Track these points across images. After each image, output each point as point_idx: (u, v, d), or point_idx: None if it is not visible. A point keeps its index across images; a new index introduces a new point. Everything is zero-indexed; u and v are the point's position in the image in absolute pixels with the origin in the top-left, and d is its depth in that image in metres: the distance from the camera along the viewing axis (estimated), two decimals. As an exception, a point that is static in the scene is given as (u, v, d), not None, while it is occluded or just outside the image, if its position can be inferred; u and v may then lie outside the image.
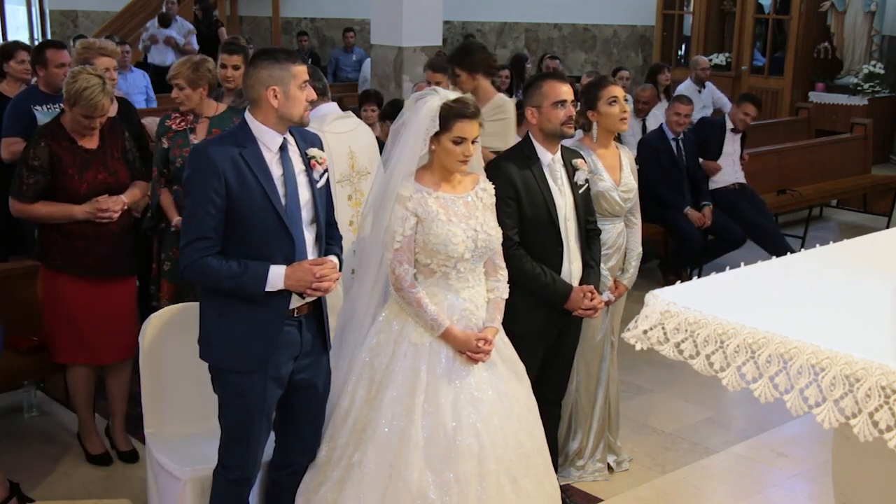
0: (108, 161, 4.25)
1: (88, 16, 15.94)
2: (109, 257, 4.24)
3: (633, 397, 5.34)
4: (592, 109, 4.15)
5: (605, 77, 4.53)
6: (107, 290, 4.27)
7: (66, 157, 4.15)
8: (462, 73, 4.97)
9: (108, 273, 4.25)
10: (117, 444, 4.53)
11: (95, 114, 4.11)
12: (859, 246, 2.93)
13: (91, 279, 4.22)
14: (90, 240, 4.18)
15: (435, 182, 3.38)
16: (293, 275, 3.12)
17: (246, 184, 3.08)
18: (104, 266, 4.23)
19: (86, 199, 4.14)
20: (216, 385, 3.28)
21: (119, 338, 4.32)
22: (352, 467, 3.31)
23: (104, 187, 4.19)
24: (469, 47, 5.21)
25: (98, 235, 4.19)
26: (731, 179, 7.52)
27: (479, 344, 3.32)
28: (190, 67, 4.52)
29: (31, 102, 5.33)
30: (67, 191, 4.14)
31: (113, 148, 4.29)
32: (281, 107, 3.12)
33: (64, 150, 4.15)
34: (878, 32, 11.95)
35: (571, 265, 3.86)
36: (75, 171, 4.15)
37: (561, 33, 14.77)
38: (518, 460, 3.36)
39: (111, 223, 4.19)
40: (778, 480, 4.52)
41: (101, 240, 4.20)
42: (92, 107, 4.06)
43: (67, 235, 4.18)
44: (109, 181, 4.22)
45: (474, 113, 3.31)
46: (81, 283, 4.21)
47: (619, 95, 4.13)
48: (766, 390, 2.12)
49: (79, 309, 4.23)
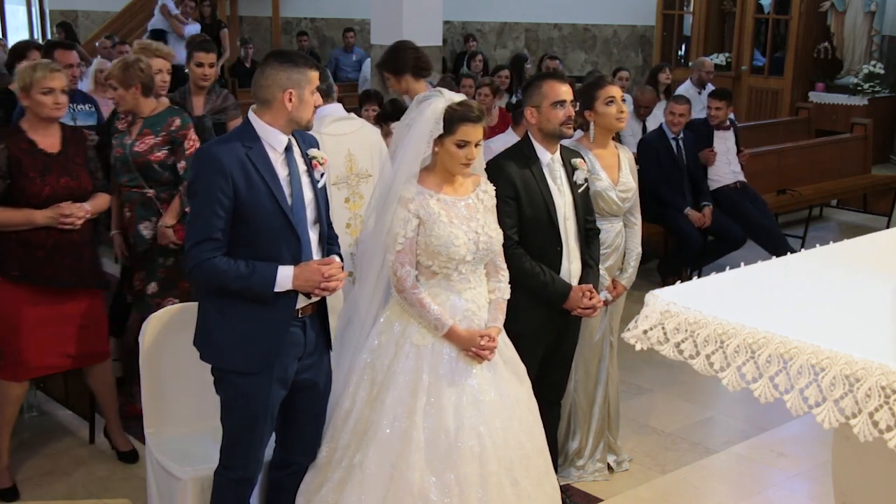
0: (71, 166, 4.08)
1: (88, 16, 15.94)
2: (70, 268, 4.07)
3: (633, 397, 5.34)
4: (589, 109, 4.16)
5: (602, 77, 4.54)
6: (68, 302, 4.11)
7: (26, 160, 3.97)
8: (389, 77, 4.87)
9: (68, 284, 4.08)
10: (116, 445, 4.51)
11: (54, 84, 3.94)
12: (859, 246, 2.93)
13: (51, 290, 4.05)
14: (50, 250, 4.01)
15: (437, 184, 3.38)
16: (301, 275, 3.12)
17: (253, 184, 3.07)
18: (64, 277, 4.06)
19: (48, 205, 3.98)
20: (219, 387, 3.27)
21: (86, 346, 4.21)
22: (353, 468, 3.30)
23: (67, 192, 4.02)
24: (396, 47, 5.02)
25: (58, 245, 4.02)
26: (731, 178, 7.52)
27: (484, 341, 3.32)
28: (121, 67, 4.49)
29: None
30: (27, 194, 3.95)
31: (76, 154, 4.12)
32: (294, 110, 3.12)
33: (23, 152, 3.97)
34: (878, 32, 11.95)
35: (570, 265, 3.86)
36: (36, 174, 3.97)
37: (561, 33, 14.77)
38: (519, 462, 3.36)
39: (73, 232, 4.04)
40: (778, 480, 4.52)
41: (62, 250, 4.03)
42: (49, 78, 3.92)
43: (25, 245, 3.98)
44: (72, 185, 4.05)
45: (478, 117, 3.31)
46: (41, 295, 4.04)
47: (616, 95, 4.14)
48: (766, 390, 2.11)
49: (36, 321, 4.05)
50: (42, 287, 4.05)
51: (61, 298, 4.10)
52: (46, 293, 4.07)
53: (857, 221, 9.36)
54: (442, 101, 3.33)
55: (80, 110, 5.55)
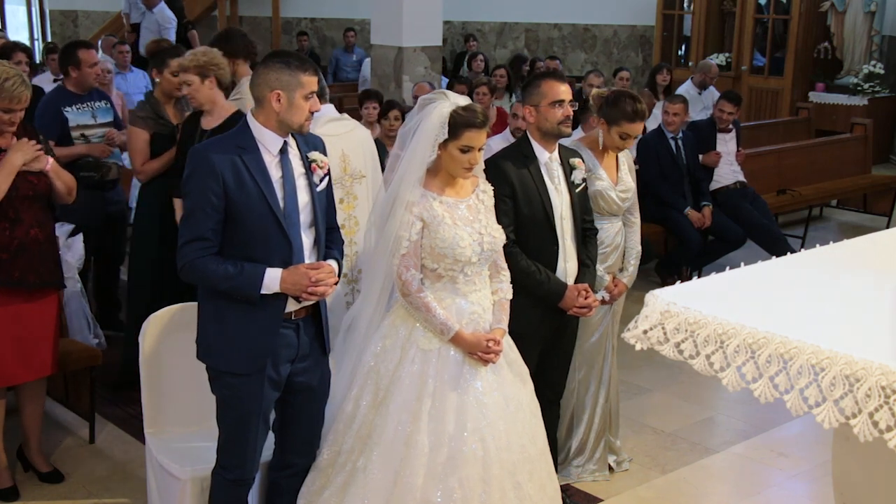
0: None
1: (88, 16, 15.96)
2: (36, 269, 3.98)
3: (633, 397, 5.34)
4: (613, 125, 4.11)
5: (622, 93, 4.24)
6: (30, 305, 4.01)
7: None
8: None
9: (35, 285, 3.99)
10: (36, 466, 4.30)
11: (17, 106, 3.88)
12: (859, 246, 2.92)
13: (15, 292, 3.95)
14: (15, 251, 3.91)
15: (439, 186, 3.37)
16: (289, 278, 3.11)
17: (244, 186, 3.07)
18: (31, 278, 3.97)
19: (4, 202, 3.84)
20: (214, 386, 3.28)
21: (36, 356, 4.08)
22: (356, 472, 3.30)
23: (26, 185, 3.91)
24: (228, 33, 5.35)
25: (24, 246, 3.92)
26: (731, 179, 7.53)
27: (490, 344, 3.32)
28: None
29: (60, 104, 5.40)
30: None
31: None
32: (282, 112, 3.11)
33: None
34: (878, 32, 11.95)
35: (567, 264, 3.86)
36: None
37: (561, 33, 14.77)
38: (521, 465, 3.35)
39: (38, 232, 3.95)
40: (778, 480, 4.52)
41: (27, 250, 3.93)
42: (15, 98, 3.84)
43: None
44: (31, 179, 3.93)
45: (483, 122, 3.30)
46: (4, 297, 3.94)
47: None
48: (766, 390, 2.11)
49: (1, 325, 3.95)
50: (6, 289, 3.94)
51: (24, 303, 4.00)
52: (10, 296, 3.96)
53: (857, 221, 9.36)
54: (447, 104, 3.31)
55: (99, 108, 5.58)
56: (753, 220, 7.36)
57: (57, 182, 4.03)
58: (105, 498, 4.19)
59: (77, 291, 5.24)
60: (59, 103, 5.38)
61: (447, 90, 3.54)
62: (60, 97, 5.43)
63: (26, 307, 4.01)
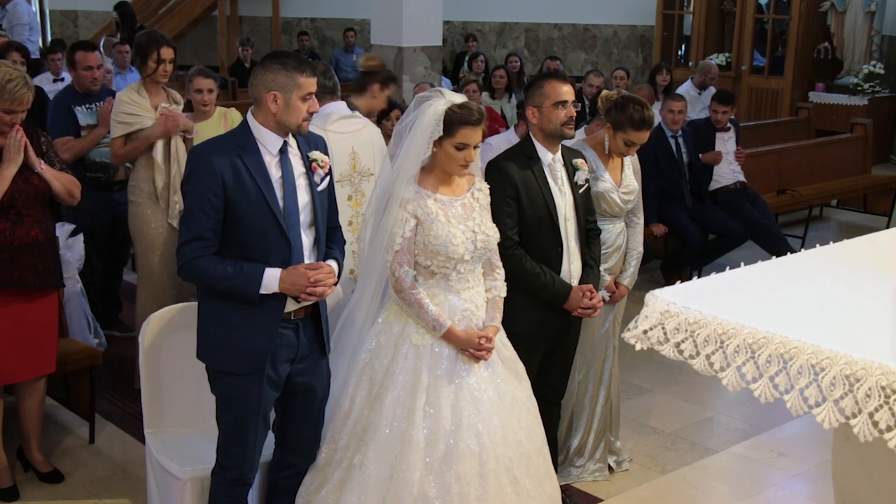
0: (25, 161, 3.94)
1: (88, 16, 15.95)
2: (35, 269, 3.97)
3: (633, 397, 5.34)
4: (619, 130, 4.09)
5: (631, 98, 4.18)
6: (30, 305, 4.01)
7: None
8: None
9: (35, 286, 3.99)
10: (36, 466, 4.30)
11: (18, 108, 3.86)
12: (859, 246, 2.92)
13: (15, 292, 3.94)
14: (15, 252, 3.90)
15: (434, 184, 3.38)
16: (288, 278, 3.11)
17: (243, 186, 3.07)
18: (31, 278, 3.97)
19: (6, 202, 3.85)
20: (213, 385, 3.28)
21: (36, 355, 4.08)
22: (352, 469, 3.31)
23: (28, 186, 3.92)
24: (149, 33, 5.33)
25: (24, 246, 3.92)
26: (731, 178, 7.52)
27: (481, 342, 3.33)
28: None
29: (70, 102, 5.46)
30: None
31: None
32: (279, 113, 3.11)
33: None
34: (878, 32, 11.95)
35: (571, 265, 3.86)
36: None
37: (561, 33, 14.78)
38: (518, 460, 3.36)
39: (38, 233, 3.95)
40: (778, 480, 4.52)
41: (27, 251, 3.93)
42: (17, 100, 3.84)
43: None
44: (33, 179, 3.94)
45: (478, 119, 3.31)
46: (4, 297, 3.93)
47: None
48: (766, 390, 2.11)
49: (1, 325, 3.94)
50: (5, 289, 3.93)
51: (23, 303, 3.99)
52: (10, 296, 3.95)
53: (857, 221, 9.36)
54: (442, 102, 3.32)
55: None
56: (754, 219, 7.35)
57: (54, 183, 4.02)
58: (105, 498, 4.19)
59: (77, 291, 5.23)
60: (69, 102, 5.43)
61: (443, 88, 3.55)
62: (70, 96, 5.48)
63: (26, 307, 4.01)
